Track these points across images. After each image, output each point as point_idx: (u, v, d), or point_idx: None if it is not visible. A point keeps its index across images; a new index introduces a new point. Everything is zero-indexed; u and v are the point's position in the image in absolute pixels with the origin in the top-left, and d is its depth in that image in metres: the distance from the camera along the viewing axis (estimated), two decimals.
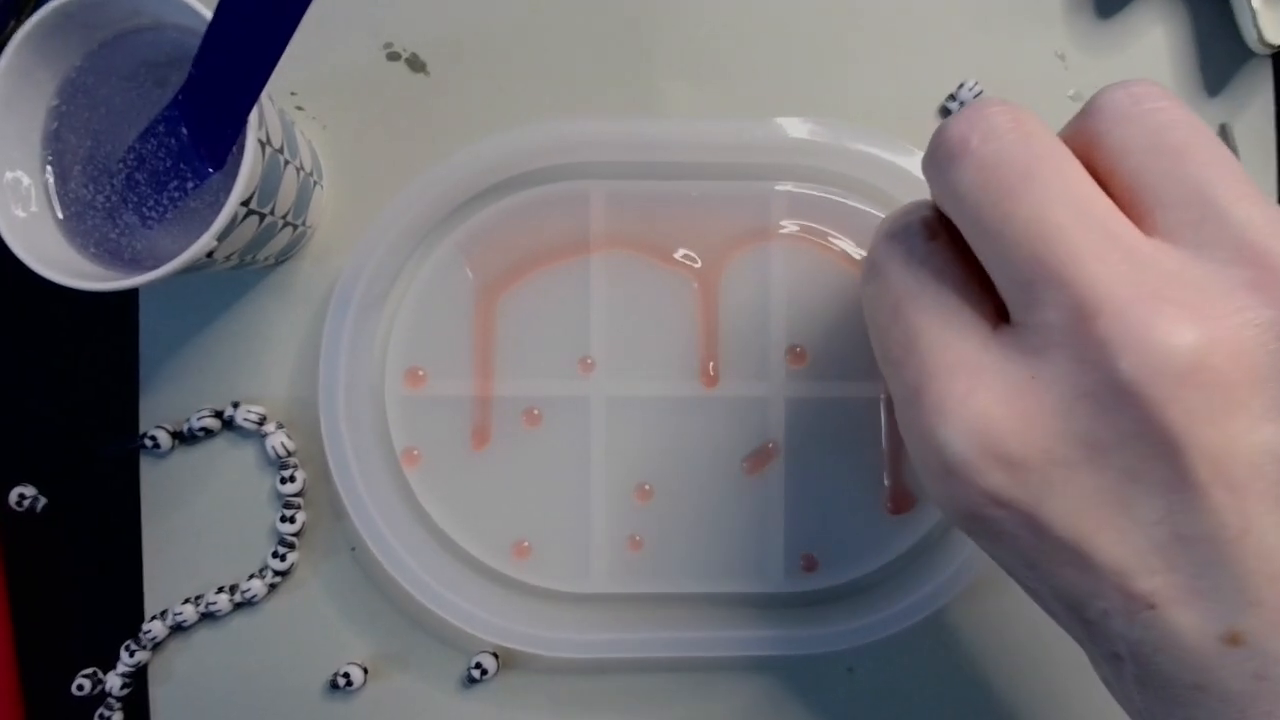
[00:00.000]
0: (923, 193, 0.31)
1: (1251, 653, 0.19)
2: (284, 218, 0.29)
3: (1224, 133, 0.33)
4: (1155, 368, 0.18)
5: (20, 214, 0.26)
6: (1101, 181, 0.20)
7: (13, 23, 0.33)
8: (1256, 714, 0.19)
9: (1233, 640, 0.19)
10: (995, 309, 0.21)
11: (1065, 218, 0.19)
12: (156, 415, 0.33)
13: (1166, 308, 0.18)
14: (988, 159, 0.20)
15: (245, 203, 0.26)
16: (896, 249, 0.23)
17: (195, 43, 0.25)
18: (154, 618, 0.32)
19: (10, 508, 0.33)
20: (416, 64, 0.33)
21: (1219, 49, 0.33)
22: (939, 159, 0.21)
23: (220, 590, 0.32)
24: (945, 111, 0.33)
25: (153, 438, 0.32)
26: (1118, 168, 0.20)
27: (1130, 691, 0.21)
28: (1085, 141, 0.21)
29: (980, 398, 0.20)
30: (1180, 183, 0.20)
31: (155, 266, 0.25)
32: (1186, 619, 0.19)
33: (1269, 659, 0.19)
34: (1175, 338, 0.18)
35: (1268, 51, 0.32)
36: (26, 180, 0.27)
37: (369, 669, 0.33)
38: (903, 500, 0.32)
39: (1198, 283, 0.19)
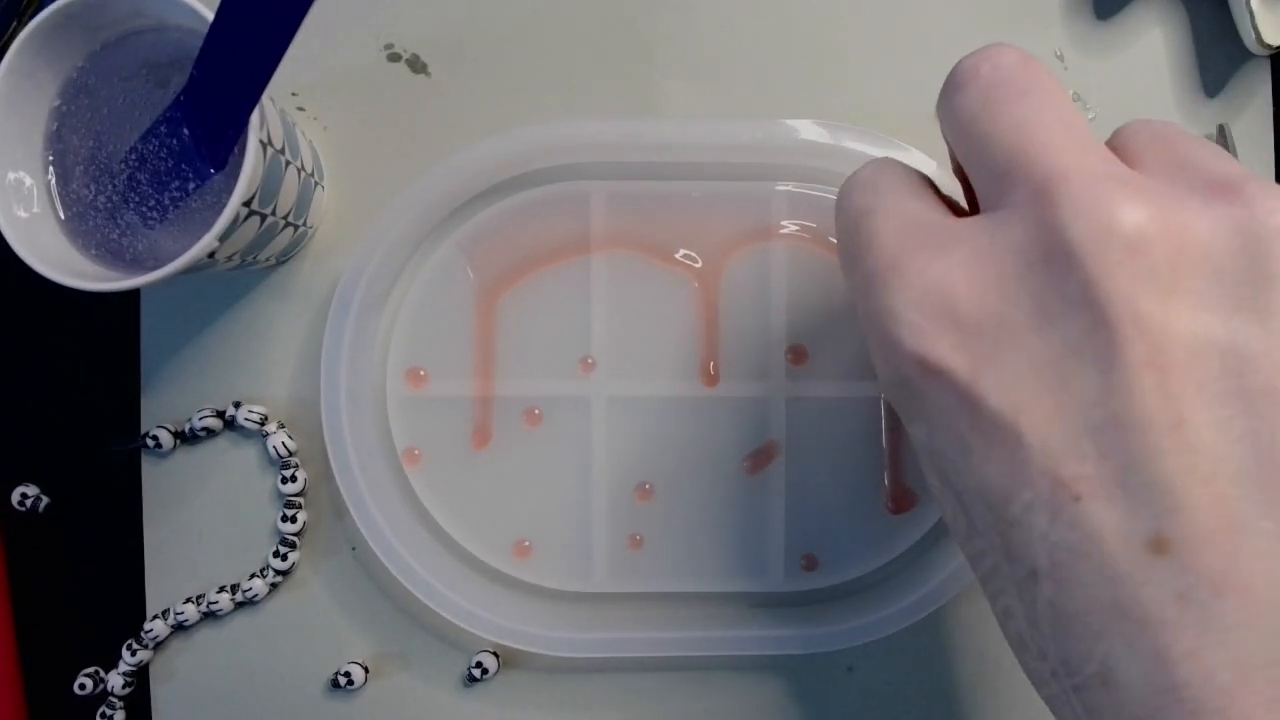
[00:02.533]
0: None
1: (1177, 567, 0.18)
2: (285, 218, 0.29)
3: (1222, 133, 0.33)
4: (1102, 234, 0.18)
5: (22, 214, 0.26)
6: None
7: (15, 23, 0.33)
8: (1178, 651, 0.18)
9: (1159, 547, 0.18)
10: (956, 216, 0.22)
11: (1052, 122, 0.20)
12: (158, 415, 0.33)
13: (1126, 189, 0.19)
14: (992, 81, 0.21)
15: (247, 203, 0.26)
16: (863, 175, 0.24)
17: (197, 43, 0.25)
18: (155, 617, 0.32)
19: (12, 507, 0.33)
20: (417, 65, 0.33)
21: (1217, 50, 0.33)
22: (951, 87, 0.22)
23: (222, 589, 0.32)
24: None
25: (154, 437, 0.32)
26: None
27: (1042, 634, 0.20)
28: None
29: (936, 265, 0.20)
30: (1164, 143, 0.21)
31: (157, 267, 0.25)
32: (1112, 516, 0.18)
33: (1195, 578, 0.18)
34: (1127, 212, 0.18)
35: (1266, 52, 0.32)
36: (28, 181, 0.27)
37: (370, 668, 0.33)
38: (903, 500, 0.32)
39: (1163, 188, 0.19)
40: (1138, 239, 0.18)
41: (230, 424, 0.33)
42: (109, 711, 0.32)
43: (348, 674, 0.32)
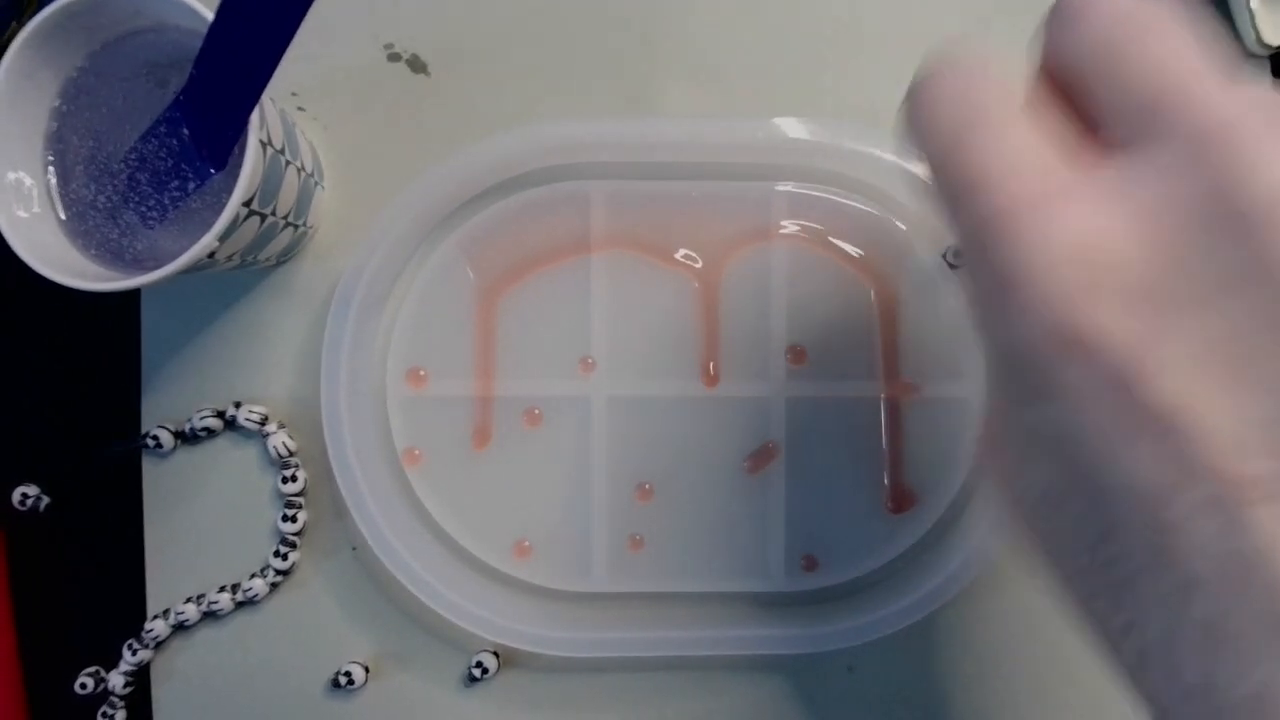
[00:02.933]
0: (920, 189, 0.32)
1: None
2: (285, 218, 0.29)
3: None
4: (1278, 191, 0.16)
5: (22, 214, 0.26)
6: None
7: (15, 24, 0.33)
8: None
9: None
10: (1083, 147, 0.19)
11: (1195, 60, 0.17)
12: (158, 415, 0.33)
13: None
14: (1121, 8, 0.18)
15: (247, 203, 0.26)
16: (947, 77, 0.20)
17: (197, 44, 0.25)
18: (156, 617, 0.32)
19: (13, 507, 0.33)
20: (417, 65, 0.33)
21: (1217, 50, 0.33)
22: (1070, 9, 0.19)
23: (222, 589, 0.32)
24: None
25: (155, 437, 0.32)
26: None
27: (1182, 652, 0.17)
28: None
29: (1091, 215, 0.17)
30: None
31: (157, 267, 0.25)
32: None
33: None
34: None
35: (1266, 52, 0.32)
36: (29, 181, 0.27)
37: (370, 668, 0.33)
38: (903, 500, 0.32)
39: None
40: None
41: (230, 424, 0.33)
42: (110, 711, 0.32)
43: (348, 674, 0.32)
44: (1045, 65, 0.20)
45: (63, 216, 0.27)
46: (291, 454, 0.32)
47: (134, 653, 0.32)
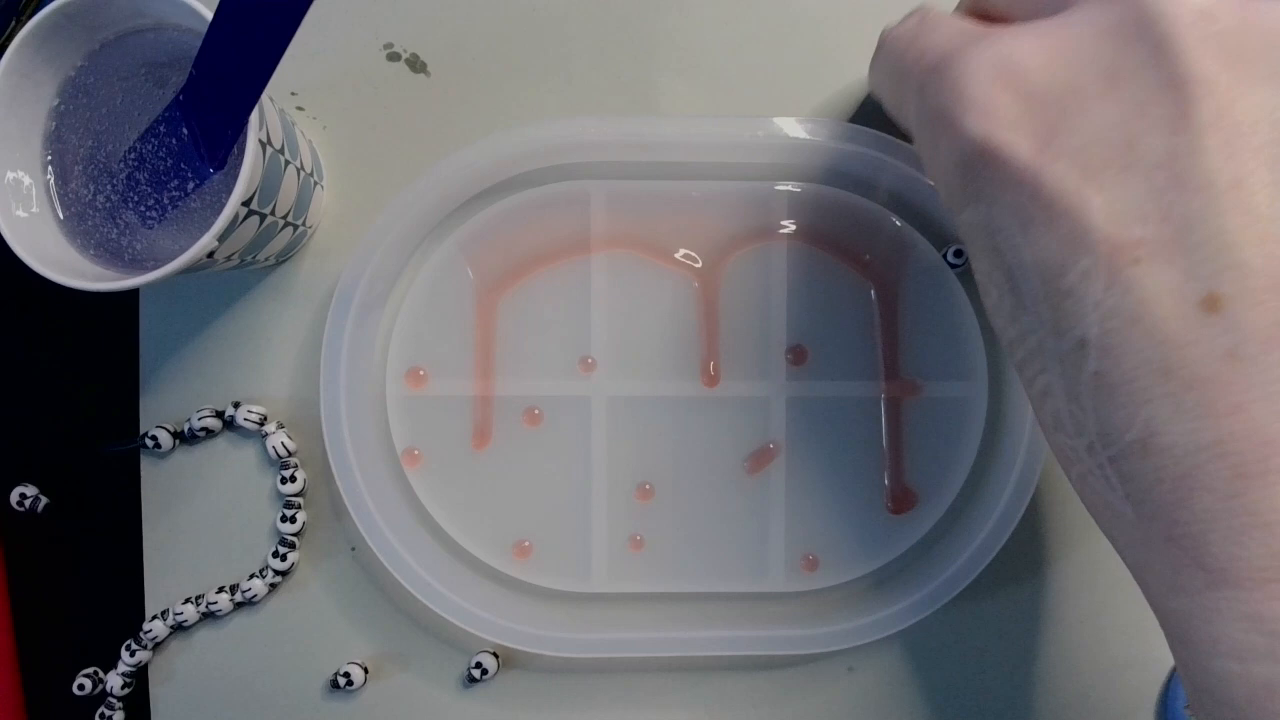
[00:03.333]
0: (923, 192, 0.32)
1: (1228, 324, 0.18)
2: (284, 218, 0.29)
3: None
4: (1179, 4, 0.19)
5: (21, 214, 0.26)
6: None
7: (14, 23, 0.33)
8: (1224, 405, 0.18)
9: (1211, 304, 0.18)
10: None
11: None
12: (157, 415, 0.33)
13: None
14: None
15: (246, 203, 0.26)
16: (907, 20, 0.25)
17: (196, 43, 0.25)
18: (155, 617, 0.32)
19: (11, 507, 0.33)
20: (417, 64, 0.33)
21: None
22: None
23: (221, 590, 0.32)
24: None
25: (153, 438, 0.32)
26: None
27: (1082, 407, 0.20)
28: None
29: (1006, 41, 0.21)
30: None
31: (156, 267, 0.25)
32: (1169, 277, 0.19)
33: (1245, 334, 0.18)
34: None
35: None
36: (27, 180, 0.27)
37: (369, 668, 0.33)
38: (903, 500, 0.32)
39: None
40: (1211, 7, 0.19)
41: (229, 424, 0.33)
42: (108, 712, 0.32)
43: (347, 674, 0.32)
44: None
45: (62, 216, 0.27)
46: (290, 454, 0.32)
47: (132, 653, 0.32)
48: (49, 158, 0.27)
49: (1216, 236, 0.19)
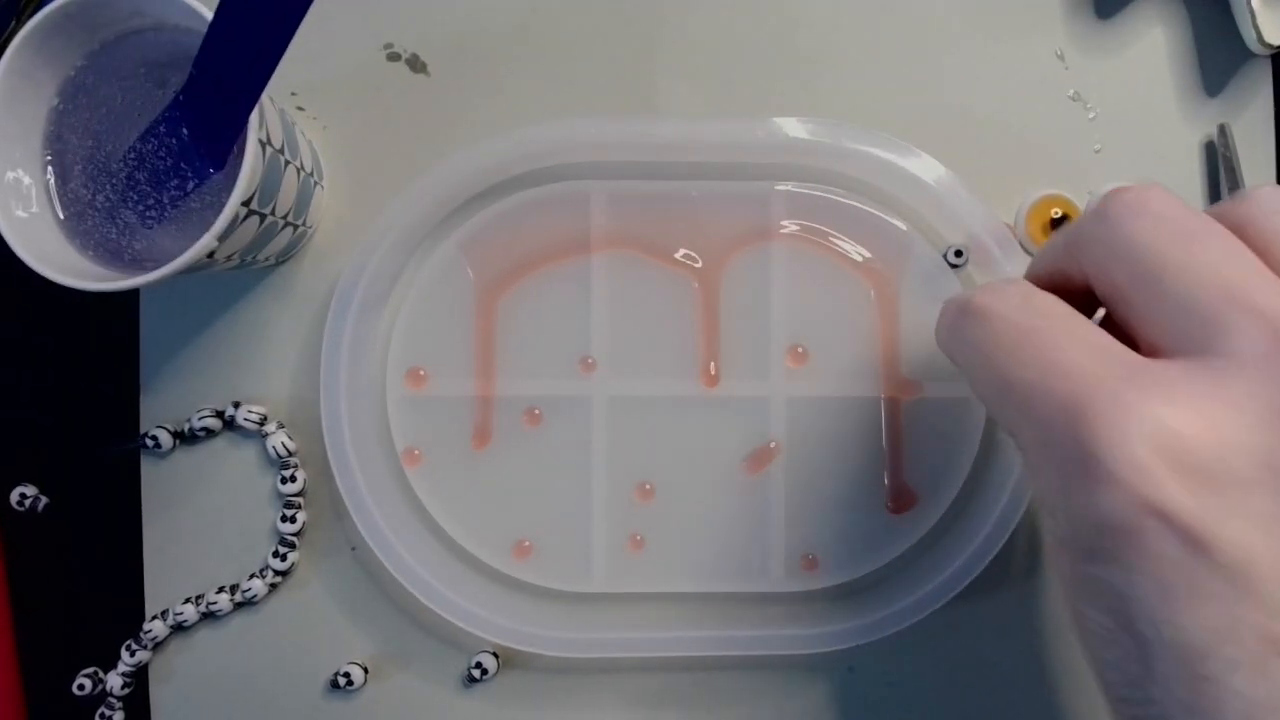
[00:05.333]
0: (923, 192, 0.32)
1: None
2: (284, 218, 0.29)
3: (1223, 133, 0.33)
4: None
5: (21, 214, 0.26)
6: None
7: (14, 23, 0.33)
8: None
9: None
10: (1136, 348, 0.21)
11: (1246, 265, 0.20)
12: (157, 415, 0.33)
13: None
14: (1165, 213, 0.21)
15: (246, 203, 0.26)
16: (1007, 292, 0.23)
17: (196, 43, 0.25)
18: (155, 617, 0.32)
19: (11, 507, 0.33)
20: (417, 64, 0.33)
21: (1218, 49, 0.33)
22: (1114, 212, 0.22)
23: (221, 590, 0.32)
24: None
25: (154, 438, 0.32)
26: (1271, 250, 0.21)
27: None
28: (1235, 223, 0.22)
29: (1162, 402, 0.19)
30: None
31: (156, 267, 0.25)
32: None
33: None
34: None
35: (1267, 52, 0.32)
36: (27, 180, 0.27)
37: (369, 668, 0.33)
38: (903, 500, 0.32)
39: None
40: None
41: (230, 424, 0.33)
42: (108, 712, 0.32)
43: (347, 674, 0.32)
44: (1054, 264, 0.23)
45: (62, 216, 0.27)
46: (291, 454, 0.32)
47: (132, 653, 0.32)
48: (49, 157, 0.27)
49: None
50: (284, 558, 0.32)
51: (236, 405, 0.32)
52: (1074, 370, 0.20)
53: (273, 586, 0.33)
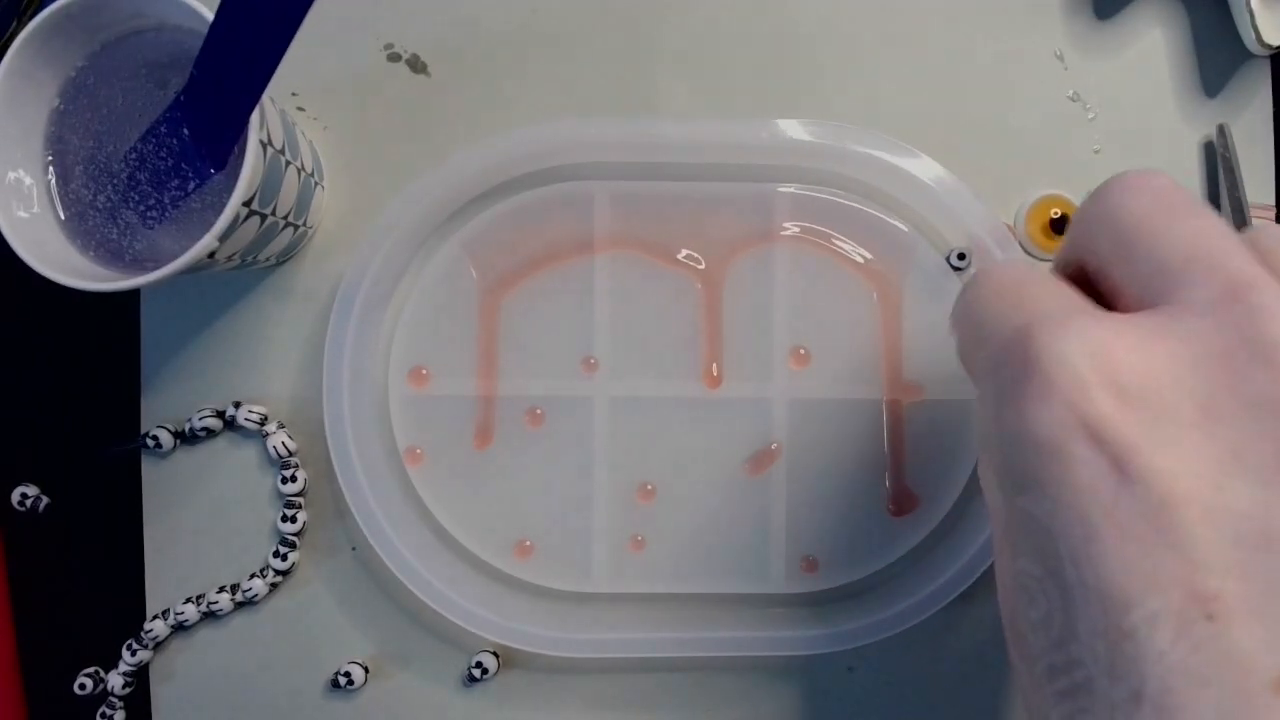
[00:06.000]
0: (923, 193, 0.32)
1: None
2: (285, 218, 0.29)
3: (1222, 134, 0.33)
4: None
5: (22, 214, 0.26)
6: None
7: (15, 24, 0.33)
8: None
9: None
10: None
11: (1227, 235, 0.20)
12: (158, 415, 0.33)
13: None
14: (1161, 191, 0.21)
15: (247, 203, 0.26)
16: (1007, 262, 0.23)
17: (197, 43, 0.25)
18: (155, 617, 0.32)
19: (12, 507, 0.33)
20: (417, 65, 0.33)
21: (1217, 50, 0.33)
22: (1108, 189, 0.22)
23: (221, 589, 0.32)
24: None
25: (154, 437, 0.32)
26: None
27: None
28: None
29: (1108, 328, 0.19)
30: None
31: (157, 267, 0.25)
32: (1243, 643, 0.16)
33: None
34: None
35: (1266, 52, 0.32)
36: (28, 181, 0.27)
37: (370, 668, 0.33)
38: (904, 502, 0.32)
39: None
40: None
41: (230, 424, 0.33)
42: (109, 711, 0.32)
43: (348, 674, 0.32)
44: (1064, 255, 0.23)
45: (62, 216, 0.27)
46: (291, 454, 0.32)
47: (133, 653, 0.32)
48: (50, 158, 0.27)
49: None
50: (284, 557, 0.32)
51: (237, 405, 0.32)
52: (1036, 304, 0.20)
53: (273, 586, 0.33)
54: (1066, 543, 0.18)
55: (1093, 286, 0.22)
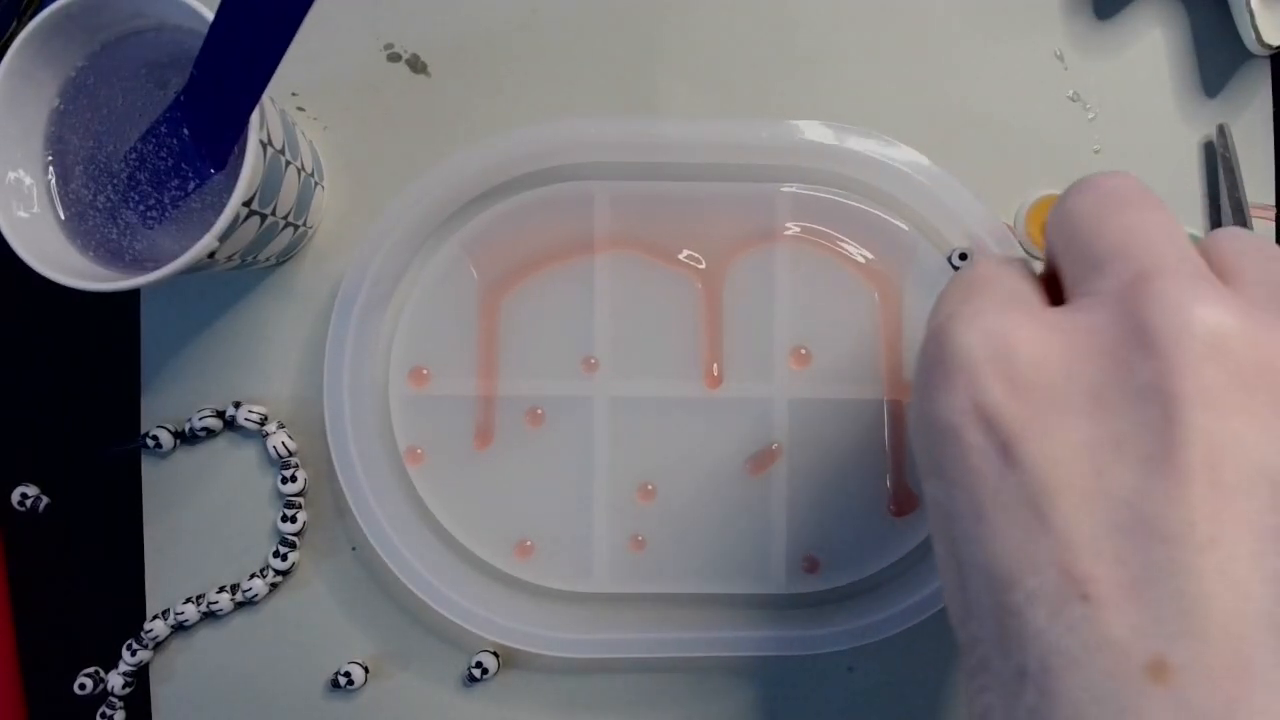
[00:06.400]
0: (923, 193, 0.32)
1: (1173, 701, 0.16)
2: (285, 218, 0.29)
3: (1222, 134, 0.33)
4: (1183, 330, 0.17)
5: (22, 214, 0.26)
6: None
7: (15, 24, 0.33)
8: None
9: (1158, 672, 0.16)
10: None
11: (1156, 229, 0.20)
12: (158, 415, 0.33)
13: (1218, 294, 0.18)
14: (1110, 189, 0.21)
15: (247, 203, 0.26)
16: (979, 262, 0.23)
17: (197, 43, 0.25)
18: (155, 617, 0.32)
19: (13, 507, 0.33)
20: (417, 65, 0.33)
21: (1217, 50, 0.33)
22: (1069, 191, 0.22)
23: (221, 589, 0.32)
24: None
25: (154, 437, 0.32)
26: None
27: None
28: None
29: (1009, 317, 0.19)
30: (1262, 260, 0.20)
31: (156, 267, 0.25)
32: (1116, 626, 0.17)
33: (1190, 712, 0.16)
34: (1219, 313, 0.18)
35: (1266, 52, 0.32)
36: (28, 181, 0.27)
37: (370, 668, 0.33)
38: (905, 502, 0.32)
39: (1257, 306, 0.18)
40: (1220, 344, 0.17)
41: (230, 424, 0.33)
42: (109, 711, 0.32)
43: (348, 674, 0.32)
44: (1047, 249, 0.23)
45: (62, 216, 0.27)
46: (291, 454, 0.32)
47: (133, 653, 0.32)
48: (50, 158, 0.27)
49: (1176, 597, 0.16)
50: (284, 557, 0.32)
51: (237, 405, 0.32)
52: (967, 300, 0.21)
53: (273, 586, 0.33)
54: (960, 524, 0.19)
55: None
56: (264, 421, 0.32)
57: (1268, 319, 0.18)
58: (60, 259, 0.26)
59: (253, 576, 0.32)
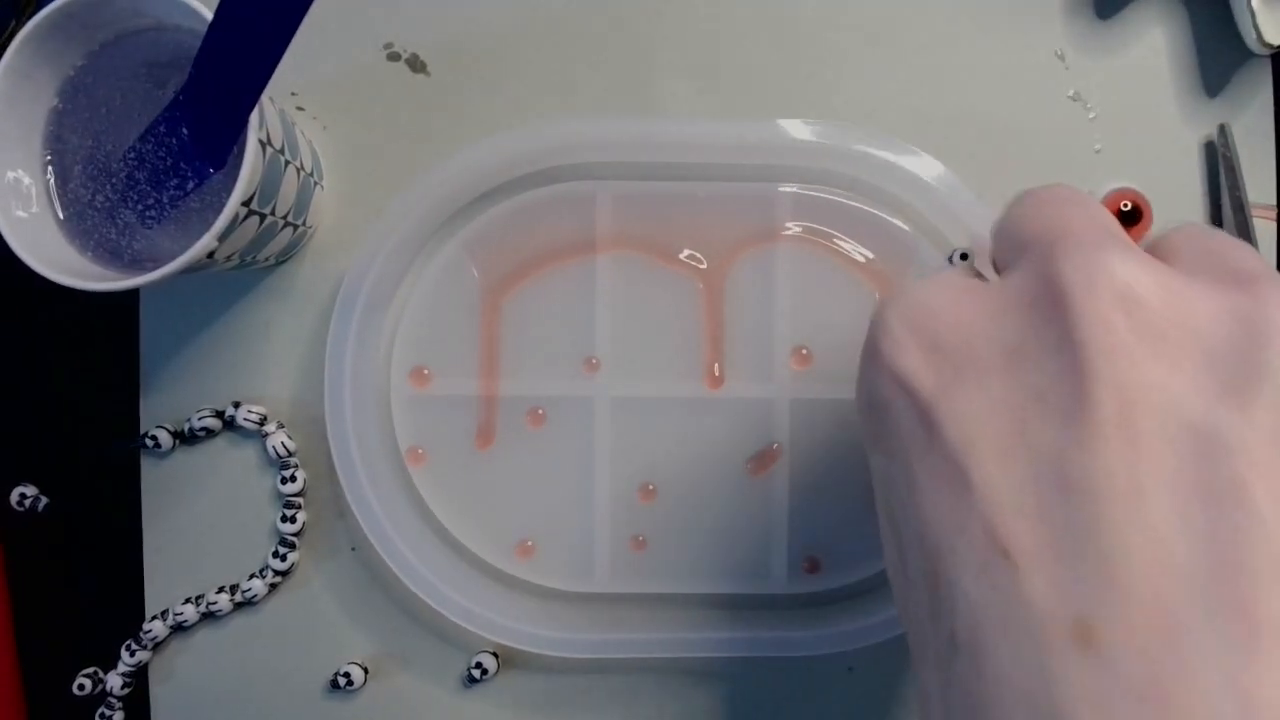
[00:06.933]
0: (924, 193, 0.32)
1: (1100, 664, 0.15)
2: (284, 218, 0.29)
3: (1223, 133, 0.33)
4: (1094, 281, 0.18)
5: (21, 214, 0.26)
6: None
7: (14, 23, 0.32)
8: None
9: (1083, 635, 0.16)
10: None
11: (1083, 217, 0.20)
12: (157, 415, 0.33)
13: (1140, 255, 0.19)
14: (1041, 194, 0.22)
15: (246, 203, 0.26)
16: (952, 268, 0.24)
17: (196, 43, 0.25)
18: (155, 617, 0.32)
19: (11, 507, 0.33)
20: (417, 64, 0.33)
21: (1218, 49, 0.33)
22: (1011, 200, 0.22)
23: (221, 590, 0.32)
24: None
25: (154, 438, 0.32)
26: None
27: (953, 717, 0.17)
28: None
29: (927, 290, 0.20)
30: (1200, 239, 0.20)
31: (156, 267, 0.25)
32: (1040, 585, 0.16)
33: (1117, 680, 0.15)
34: (1130, 267, 0.18)
35: (1267, 52, 0.32)
36: (27, 180, 0.27)
37: (369, 668, 0.33)
38: None
39: (1176, 269, 0.19)
40: (1130, 294, 0.18)
41: (230, 424, 0.32)
42: (108, 712, 0.32)
43: (347, 674, 0.32)
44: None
45: (62, 216, 0.27)
46: (291, 454, 0.32)
47: (132, 653, 0.32)
48: (49, 158, 0.27)
49: (1099, 553, 0.16)
50: (284, 558, 0.32)
51: (236, 405, 0.32)
52: (908, 286, 0.22)
53: (273, 586, 0.33)
54: (896, 492, 0.20)
55: None
56: (263, 421, 0.32)
57: (1188, 279, 0.18)
58: (59, 259, 0.26)
59: (252, 577, 0.32)
